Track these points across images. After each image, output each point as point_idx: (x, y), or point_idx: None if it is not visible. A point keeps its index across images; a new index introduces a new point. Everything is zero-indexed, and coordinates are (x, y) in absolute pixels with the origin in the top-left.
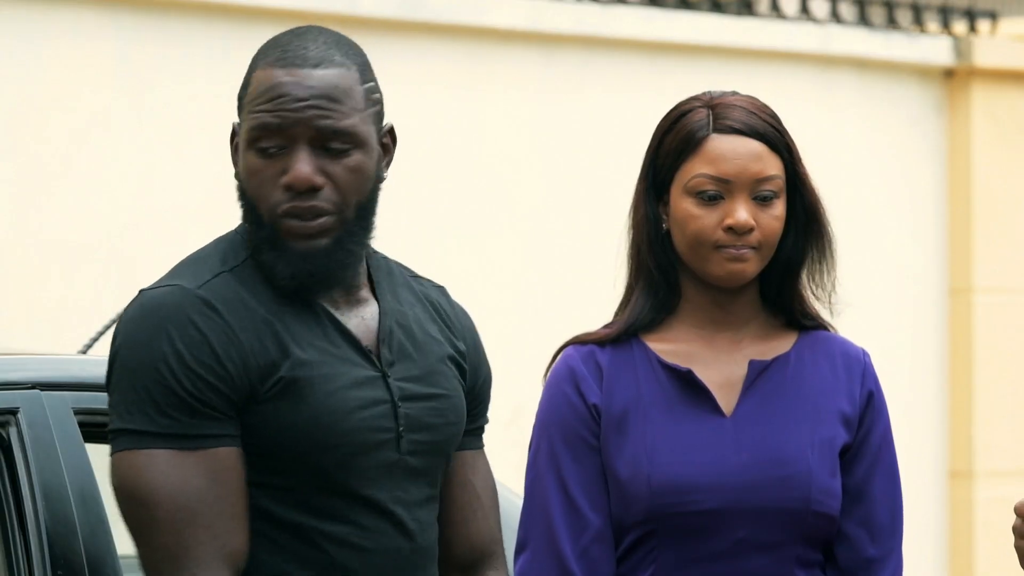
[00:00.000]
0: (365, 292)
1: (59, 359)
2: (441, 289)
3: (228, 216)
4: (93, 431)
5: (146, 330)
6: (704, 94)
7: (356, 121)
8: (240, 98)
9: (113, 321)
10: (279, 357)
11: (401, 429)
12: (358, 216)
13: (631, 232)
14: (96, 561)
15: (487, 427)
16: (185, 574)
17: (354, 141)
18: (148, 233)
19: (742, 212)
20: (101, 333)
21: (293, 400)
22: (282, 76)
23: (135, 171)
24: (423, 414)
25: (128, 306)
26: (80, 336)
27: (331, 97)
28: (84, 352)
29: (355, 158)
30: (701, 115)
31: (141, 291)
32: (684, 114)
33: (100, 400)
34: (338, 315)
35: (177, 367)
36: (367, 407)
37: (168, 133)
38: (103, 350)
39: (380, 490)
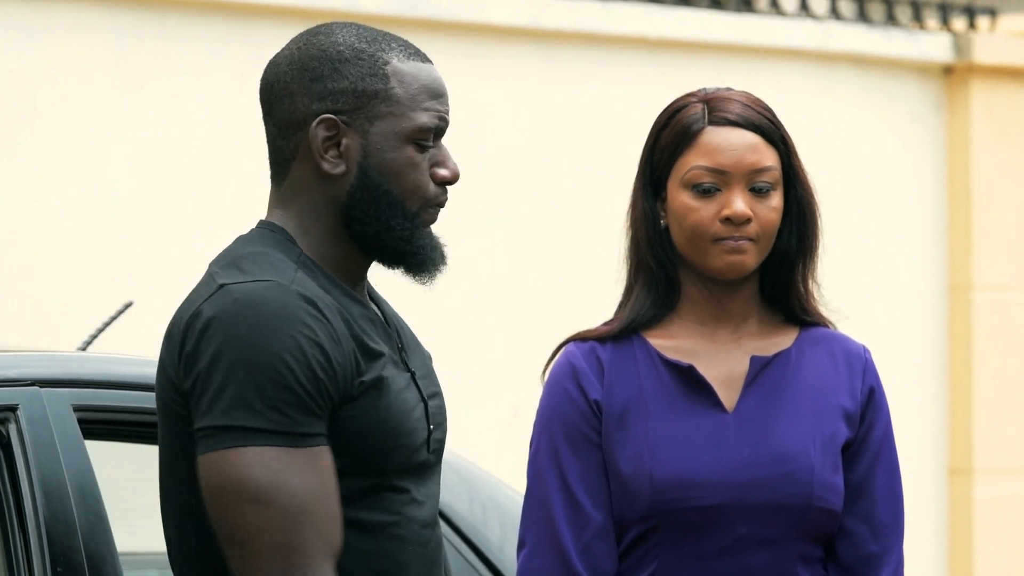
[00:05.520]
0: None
1: (58, 356)
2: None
3: (227, 214)
4: (92, 428)
5: (255, 325)
6: (699, 91)
7: None
8: (361, 91)
9: (113, 318)
10: (364, 357)
11: (431, 427)
12: None
13: (629, 230)
14: (95, 558)
15: (486, 423)
16: (298, 573)
17: None
18: (147, 230)
19: (739, 202)
20: (100, 330)
21: (373, 401)
22: (434, 73)
23: (134, 168)
24: (437, 412)
25: (213, 301)
26: (79, 333)
27: None
28: (83, 349)
29: None
30: (696, 109)
31: (224, 286)
32: (679, 109)
33: (99, 397)
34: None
35: (294, 364)
36: (415, 406)
37: (167, 130)
38: (102, 347)
39: (418, 485)
